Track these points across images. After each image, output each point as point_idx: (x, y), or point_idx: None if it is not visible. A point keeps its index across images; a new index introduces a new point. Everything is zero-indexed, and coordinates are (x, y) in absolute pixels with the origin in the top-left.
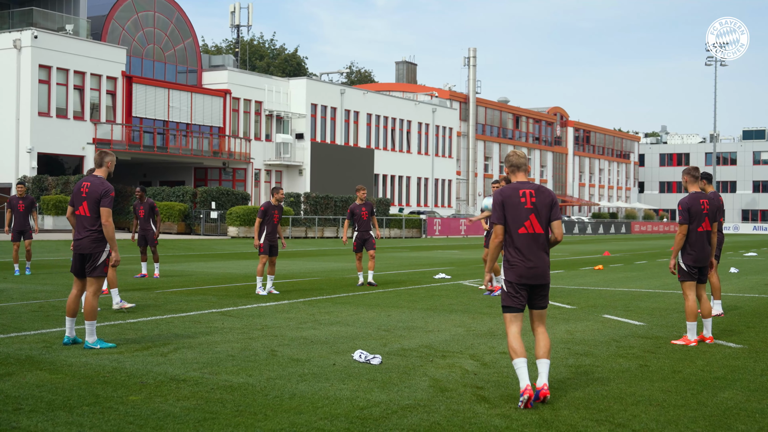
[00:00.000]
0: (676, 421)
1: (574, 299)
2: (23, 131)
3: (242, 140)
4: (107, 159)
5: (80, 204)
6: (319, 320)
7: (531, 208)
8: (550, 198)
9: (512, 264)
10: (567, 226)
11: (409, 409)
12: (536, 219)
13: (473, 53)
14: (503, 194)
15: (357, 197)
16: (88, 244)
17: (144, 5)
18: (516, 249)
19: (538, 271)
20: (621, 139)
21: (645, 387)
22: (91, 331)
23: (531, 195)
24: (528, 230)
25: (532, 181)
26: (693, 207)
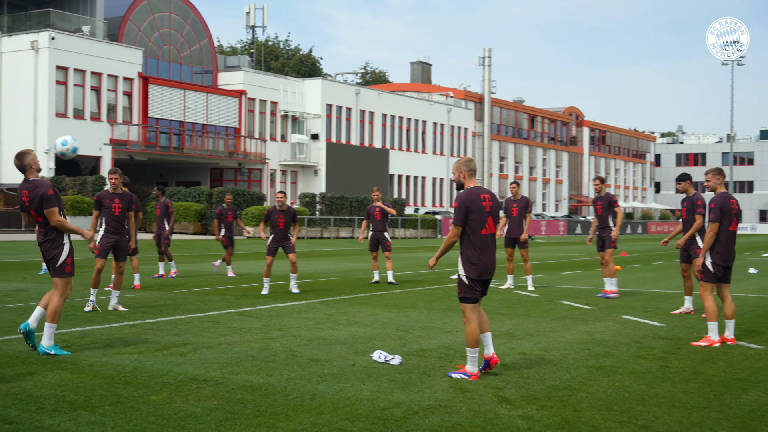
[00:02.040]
0: (700, 423)
1: (593, 300)
2: (41, 132)
3: (258, 141)
4: (27, 160)
5: (29, 214)
6: (337, 320)
7: (489, 212)
8: (497, 202)
9: (473, 263)
10: (584, 226)
11: (430, 409)
12: (491, 221)
13: (488, 53)
14: (469, 199)
15: (373, 198)
16: (45, 246)
17: (160, 6)
18: (478, 248)
19: (492, 267)
20: (637, 139)
21: (667, 388)
22: (50, 335)
23: (488, 199)
24: (488, 231)
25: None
26: (725, 206)
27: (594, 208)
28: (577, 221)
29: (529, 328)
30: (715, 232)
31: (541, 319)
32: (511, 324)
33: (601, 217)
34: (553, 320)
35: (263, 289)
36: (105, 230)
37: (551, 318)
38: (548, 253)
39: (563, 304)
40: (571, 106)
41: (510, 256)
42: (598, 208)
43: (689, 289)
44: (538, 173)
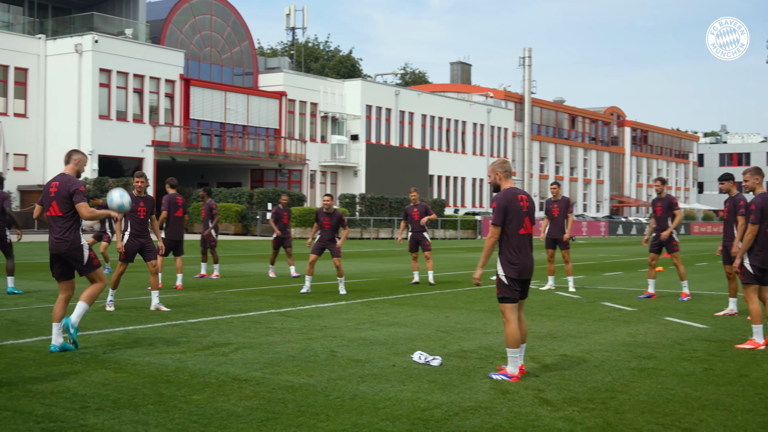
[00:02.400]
0: (745, 426)
1: (635, 301)
2: (84, 134)
3: (298, 142)
4: (75, 157)
5: (50, 204)
6: (377, 321)
7: (526, 212)
8: (533, 203)
9: (512, 263)
10: (625, 227)
11: (471, 411)
12: (529, 221)
13: (528, 53)
14: (506, 200)
15: (410, 198)
16: (62, 245)
17: (201, 9)
18: (516, 248)
19: (530, 267)
20: (679, 139)
21: (711, 391)
22: (80, 313)
23: (525, 199)
24: (526, 231)
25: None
26: (766, 207)
27: (653, 210)
28: (619, 222)
29: (570, 330)
30: (755, 234)
31: (582, 320)
32: (552, 325)
33: (660, 219)
34: (595, 322)
35: (303, 287)
36: (131, 233)
37: (592, 319)
38: (589, 254)
39: (604, 305)
40: (612, 106)
41: (551, 257)
42: (658, 209)
43: (734, 290)
44: (578, 173)
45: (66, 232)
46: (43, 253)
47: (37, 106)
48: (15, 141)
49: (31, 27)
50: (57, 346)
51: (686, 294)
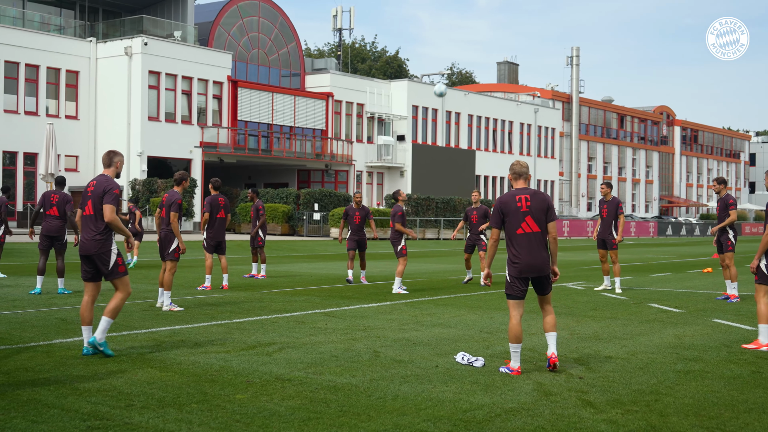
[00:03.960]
0: None
1: (682, 302)
2: (134, 135)
3: (344, 142)
4: (116, 159)
5: (85, 204)
6: (421, 322)
7: (527, 211)
8: (545, 202)
9: (513, 261)
10: (674, 227)
11: (513, 412)
12: (532, 220)
13: (576, 52)
14: (501, 203)
15: (472, 200)
16: (92, 245)
17: (249, 11)
18: (516, 247)
19: (536, 265)
20: (730, 138)
21: (758, 394)
22: (104, 329)
23: (526, 200)
24: (525, 230)
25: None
26: None
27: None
28: (668, 222)
29: (616, 331)
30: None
31: (628, 322)
32: (597, 327)
33: (720, 219)
34: (641, 323)
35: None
36: None
37: (638, 321)
38: (637, 255)
39: (651, 306)
40: (661, 105)
41: (602, 257)
42: (717, 209)
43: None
44: (627, 173)
45: (98, 233)
46: None
47: (87, 108)
48: (66, 143)
49: (82, 30)
50: (88, 349)
51: (735, 296)
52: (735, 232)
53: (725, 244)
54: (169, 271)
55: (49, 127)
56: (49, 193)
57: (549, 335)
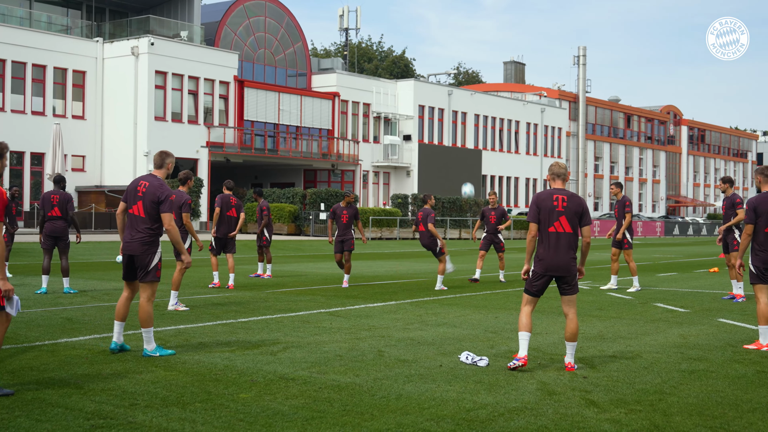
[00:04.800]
0: None
1: (688, 302)
2: (140, 135)
3: (350, 142)
4: (168, 160)
5: (135, 203)
6: (426, 321)
7: (562, 211)
8: (581, 206)
9: (540, 258)
10: (681, 227)
11: (516, 412)
12: (566, 221)
13: (583, 51)
14: (539, 199)
15: (489, 201)
16: (138, 246)
17: (255, 11)
18: (545, 245)
19: (561, 265)
20: (738, 138)
21: (762, 394)
22: (149, 339)
23: (563, 200)
24: (557, 230)
25: (566, 189)
26: (760, 207)
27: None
28: (675, 222)
29: (621, 331)
30: (750, 234)
31: (633, 321)
32: (603, 326)
33: (725, 218)
34: (646, 323)
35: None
36: None
37: (644, 320)
38: (644, 255)
39: (657, 306)
40: (668, 105)
41: (613, 255)
42: (723, 208)
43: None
44: (634, 173)
45: (145, 234)
46: (100, 253)
47: (94, 108)
48: (72, 143)
49: (89, 30)
50: (117, 344)
51: (741, 295)
52: (741, 231)
53: (731, 243)
54: (179, 270)
55: (56, 127)
56: (48, 194)
57: (568, 344)
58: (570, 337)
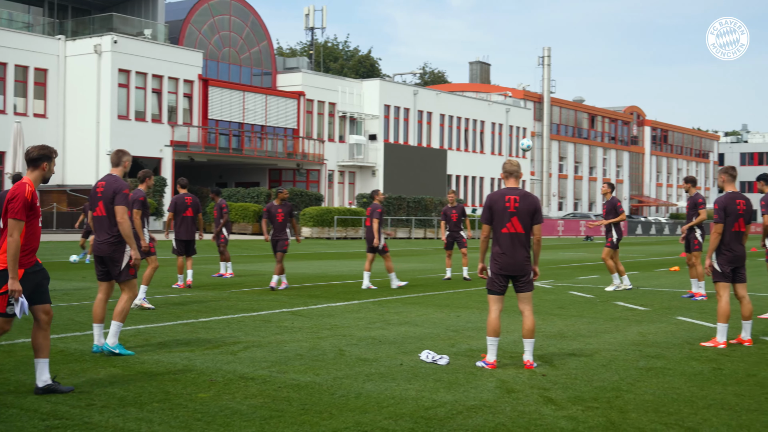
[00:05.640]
0: (749, 425)
1: (648, 301)
2: (103, 134)
3: (316, 141)
4: (125, 158)
5: (96, 205)
6: (388, 320)
7: (514, 212)
8: (533, 205)
9: (496, 258)
10: (644, 226)
11: (475, 409)
12: (518, 221)
13: (547, 52)
14: (491, 200)
15: (448, 200)
16: (106, 247)
17: (220, 9)
18: (500, 245)
19: (516, 265)
20: (700, 138)
21: (717, 390)
22: (115, 333)
23: (515, 201)
24: (509, 230)
25: (519, 188)
26: (729, 206)
27: None
28: (638, 222)
29: (581, 329)
30: (719, 233)
31: (593, 319)
32: (563, 325)
33: (688, 218)
34: (606, 321)
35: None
36: None
37: (604, 319)
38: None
39: (617, 305)
40: (632, 105)
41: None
42: (686, 208)
43: None
44: (598, 173)
45: (112, 235)
46: (60, 253)
47: (56, 107)
48: (34, 141)
49: (51, 28)
50: (98, 347)
51: (701, 294)
52: (703, 231)
53: (692, 242)
54: (151, 266)
55: (17, 125)
56: (4, 193)
57: (526, 342)
58: (527, 335)
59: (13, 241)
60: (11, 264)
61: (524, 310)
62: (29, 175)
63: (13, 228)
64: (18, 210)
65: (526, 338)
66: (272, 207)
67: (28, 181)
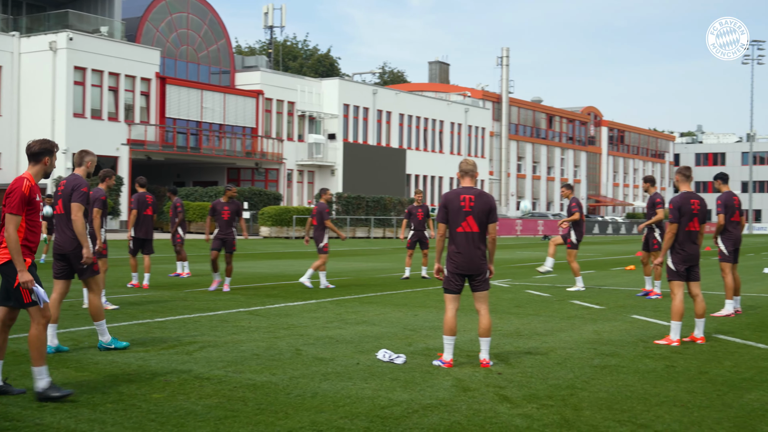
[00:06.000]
0: (700, 422)
1: (604, 299)
2: (58, 132)
3: (275, 141)
4: (87, 159)
5: (57, 203)
6: (345, 319)
7: (469, 211)
8: (488, 204)
9: (451, 258)
10: (600, 226)
11: (431, 408)
12: (473, 220)
13: (506, 53)
14: (446, 199)
15: (415, 200)
16: (68, 244)
17: (178, 7)
18: (455, 245)
19: (472, 264)
20: (656, 139)
21: (670, 388)
22: (102, 331)
23: (470, 200)
24: (465, 229)
25: (475, 187)
26: (683, 206)
27: None
28: (595, 221)
29: (537, 328)
30: (674, 232)
31: (549, 318)
32: (520, 323)
33: (647, 217)
34: (562, 319)
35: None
36: None
37: (560, 317)
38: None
39: (573, 303)
40: (589, 106)
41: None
42: (646, 208)
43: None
44: (556, 173)
45: (72, 232)
46: None
47: (10, 104)
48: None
49: (5, 24)
50: (52, 348)
51: (656, 293)
52: (662, 230)
53: (651, 242)
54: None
55: None
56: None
57: (482, 340)
58: (483, 333)
59: (11, 235)
60: (15, 256)
61: (480, 309)
62: (30, 169)
63: (9, 222)
64: (15, 204)
65: (482, 337)
66: (218, 204)
67: (27, 175)
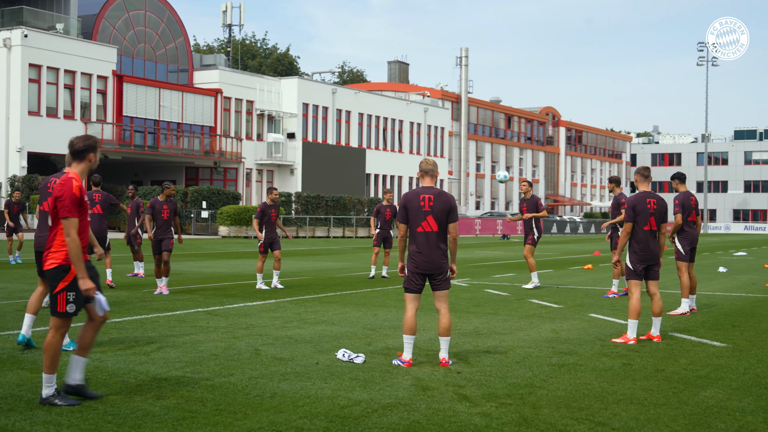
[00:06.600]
0: (656, 419)
1: (562, 298)
2: (13, 131)
3: (233, 140)
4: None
5: (44, 200)
6: (305, 319)
7: (428, 211)
8: (448, 204)
9: (412, 257)
10: (559, 225)
11: (390, 407)
12: (433, 220)
13: (465, 53)
14: (406, 199)
15: (384, 199)
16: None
17: (135, 4)
18: (415, 244)
19: (432, 263)
20: (613, 139)
21: (627, 385)
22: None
23: (429, 200)
24: (425, 229)
25: (434, 187)
26: (638, 205)
27: None
28: (553, 221)
29: (496, 327)
30: (628, 232)
31: (508, 317)
32: (478, 322)
33: (612, 217)
34: (521, 318)
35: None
36: None
37: (519, 316)
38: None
39: (532, 302)
40: (547, 106)
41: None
42: (610, 208)
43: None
44: (514, 173)
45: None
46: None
47: None
48: None
49: None
50: (25, 338)
51: (614, 291)
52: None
53: (614, 242)
54: None
55: None
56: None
57: (441, 339)
58: (443, 332)
59: (72, 241)
60: (77, 263)
61: (440, 308)
62: (75, 168)
63: (68, 227)
64: (69, 208)
65: (441, 336)
66: (156, 203)
67: (75, 175)
